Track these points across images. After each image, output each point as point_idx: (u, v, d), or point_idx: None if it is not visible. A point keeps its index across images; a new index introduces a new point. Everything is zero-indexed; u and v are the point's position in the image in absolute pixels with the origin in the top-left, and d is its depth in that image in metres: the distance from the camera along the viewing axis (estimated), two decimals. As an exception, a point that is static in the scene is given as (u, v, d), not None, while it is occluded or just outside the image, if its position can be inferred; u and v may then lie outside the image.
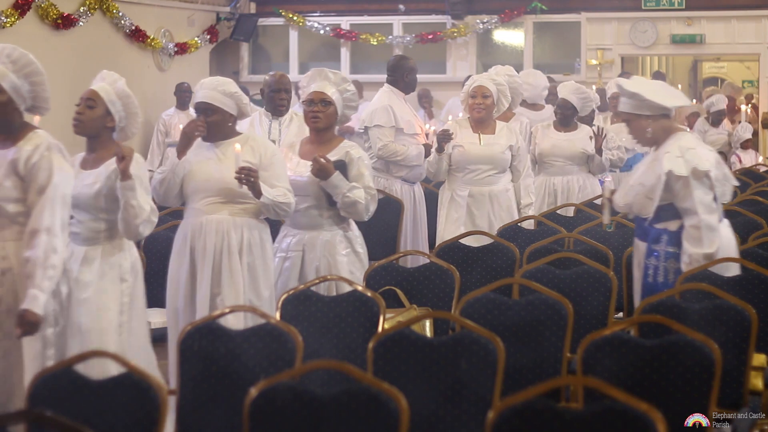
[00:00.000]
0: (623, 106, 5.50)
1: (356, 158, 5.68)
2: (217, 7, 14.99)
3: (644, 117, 5.37)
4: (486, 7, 14.90)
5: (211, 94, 5.48)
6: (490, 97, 7.23)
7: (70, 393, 3.62)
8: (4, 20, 11.13)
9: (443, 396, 4.02)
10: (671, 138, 5.35)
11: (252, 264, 5.46)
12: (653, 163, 5.34)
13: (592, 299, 5.27)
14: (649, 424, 3.08)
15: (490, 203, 7.25)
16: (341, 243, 5.71)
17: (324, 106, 5.70)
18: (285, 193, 5.42)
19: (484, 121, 7.27)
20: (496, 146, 7.23)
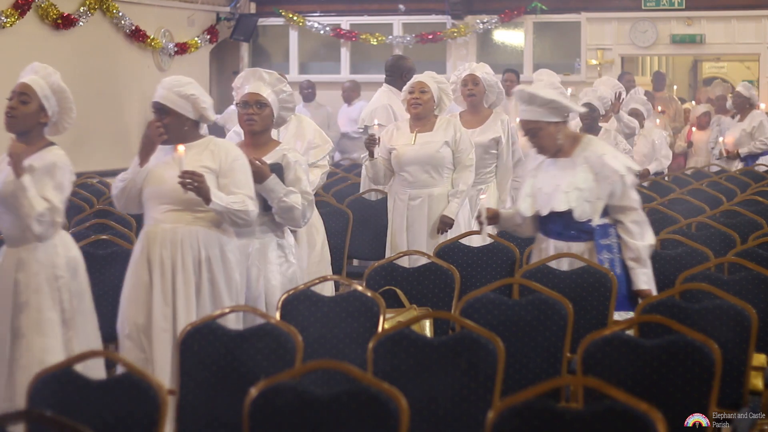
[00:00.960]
0: (529, 115, 5.34)
1: (293, 162, 5.44)
2: (217, 7, 14.99)
3: (554, 123, 5.34)
4: (486, 7, 14.90)
5: (166, 95, 5.15)
6: (428, 92, 7.02)
7: (70, 393, 3.62)
8: (4, 20, 11.14)
9: (443, 396, 4.02)
10: (583, 141, 5.41)
11: (213, 280, 5.07)
12: (582, 167, 5.32)
13: (592, 299, 5.27)
14: (649, 424, 3.07)
15: (428, 207, 6.98)
16: (273, 252, 5.45)
17: (259, 108, 5.51)
18: (243, 200, 5.05)
19: (423, 119, 7.05)
20: (431, 144, 6.98)
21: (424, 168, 6.98)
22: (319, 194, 7.94)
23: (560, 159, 5.40)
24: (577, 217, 5.33)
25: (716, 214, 7.40)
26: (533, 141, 5.40)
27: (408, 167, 6.99)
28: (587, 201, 5.32)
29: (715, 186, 9.12)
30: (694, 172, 10.73)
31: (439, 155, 6.96)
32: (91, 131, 12.23)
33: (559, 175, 5.38)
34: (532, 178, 5.49)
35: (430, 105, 7.03)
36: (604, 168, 5.33)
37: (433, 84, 7.05)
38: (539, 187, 5.42)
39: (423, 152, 6.96)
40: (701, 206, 7.88)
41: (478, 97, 7.66)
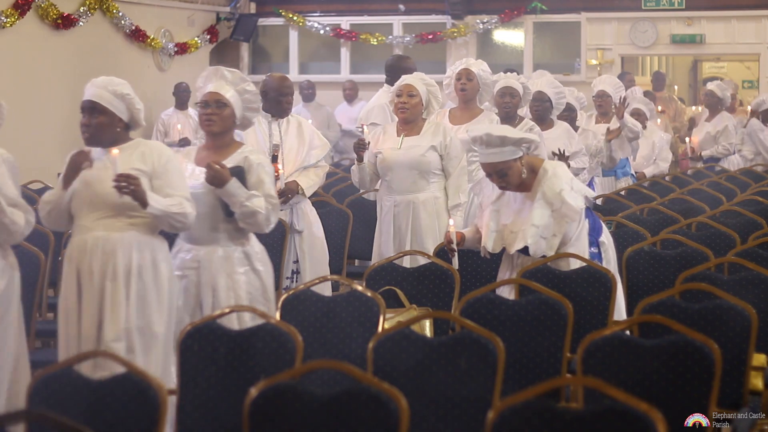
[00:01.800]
0: (498, 157, 5.24)
1: (256, 164, 5.23)
2: (217, 7, 14.99)
3: (519, 158, 5.30)
4: (486, 7, 14.90)
5: (99, 93, 4.92)
6: (417, 96, 6.75)
7: (70, 393, 3.62)
8: (4, 20, 11.14)
9: (443, 396, 4.02)
10: (540, 173, 5.35)
11: (142, 291, 4.87)
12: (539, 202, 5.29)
13: (592, 299, 5.27)
14: (649, 424, 3.08)
15: (413, 213, 6.76)
16: (239, 260, 5.24)
17: (219, 108, 5.29)
18: (181, 202, 4.87)
19: (411, 122, 6.80)
20: (416, 149, 6.73)
21: (409, 173, 6.75)
22: (318, 194, 7.94)
23: (522, 192, 5.39)
24: (532, 254, 5.33)
25: (716, 214, 7.39)
26: (503, 180, 5.31)
27: (393, 172, 6.79)
28: (543, 238, 5.31)
29: (715, 186, 9.12)
30: (694, 172, 10.72)
31: (424, 160, 6.71)
32: (91, 131, 12.21)
33: (521, 210, 5.37)
34: (495, 212, 5.45)
35: (418, 109, 6.78)
36: (563, 206, 5.29)
37: (422, 86, 6.80)
38: (504, 223, 5.42)
39: (408, 156, 6.73)
40: (701, 206, 7.87)
41: (470, 92, 7.50)
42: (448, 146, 6.74)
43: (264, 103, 7.22)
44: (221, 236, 5.22)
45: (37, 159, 11.05)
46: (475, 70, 7.51)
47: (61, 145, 11.92)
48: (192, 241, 5.25)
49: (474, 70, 7.51)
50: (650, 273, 6.02)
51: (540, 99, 8.17)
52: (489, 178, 5.38)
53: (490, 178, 5.36)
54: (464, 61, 7.70)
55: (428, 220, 6.74)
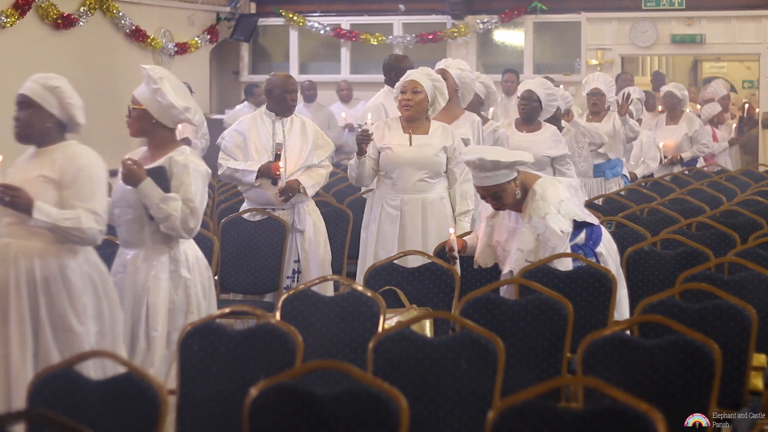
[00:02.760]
0: (492, 180, 5.26)
1: (180, 165, 5.03)
2: (217, 7, 14.99)
3: (512, 180, 5.31)
4: (486, 7, 14.90)
5: (31, 86, 4.74)
6: (422, 93, 6.58)
7: (70, 393, 3.62)
8: (4, 20, 11.14)
9: (443, 396, 4.02)
10: (530, 193, 5.34)
11: (53, 304, 4.58)
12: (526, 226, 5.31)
13: (592, 299, 5.27)
14: (649, 424, 3.08)
15: (422, 213, 6.62)
16: (163, 265, 5.04)
17: (132, 110, 5.18)
18: (79, 216, 4.56)
19: (416, 120, 6.65)
20: (428, 148, 6.59)
21: (419, 171, 6.61)
22: (319, 194, 7.95)
23: (515, 212, 5.41)
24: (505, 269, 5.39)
25: (716, 214, 7.40)
26: (497, 202, 5.34)
27: (401, 169, 6.62)
28: (527, 262, 5.33)
29: (715, 186, 9.12)
30: (694, 172, 10.72)
31: (437, 160, 6.60)
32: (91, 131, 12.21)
33: (514, 229, 5.40)
34: (490, 227, 5.48)
35: (424, 106, 6.61)
36: (546, 231, 5.30)
37: (428, 82, 6.62)
38: (497, 239, 5.45)
39: (420, 155, 6.59)
40: (701, 206, 7.88)
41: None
42: (455, 150, 6.62)
43: (268, 101, 7.22)
44: (146, 239, 5.06)
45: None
46: (452, 71, 7.28)
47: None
48: (123, 244, 5.16)
49: (451, 72, 7.27)
50: (650, 273, 6.02)
51: (528, 98, 7.94)
52: (483, 200, 5.42)
53: (485, 200, 5.40)
54: (443, 62, 7.46)
55: (435, 220, 6.63)
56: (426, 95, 6.59)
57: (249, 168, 6.96)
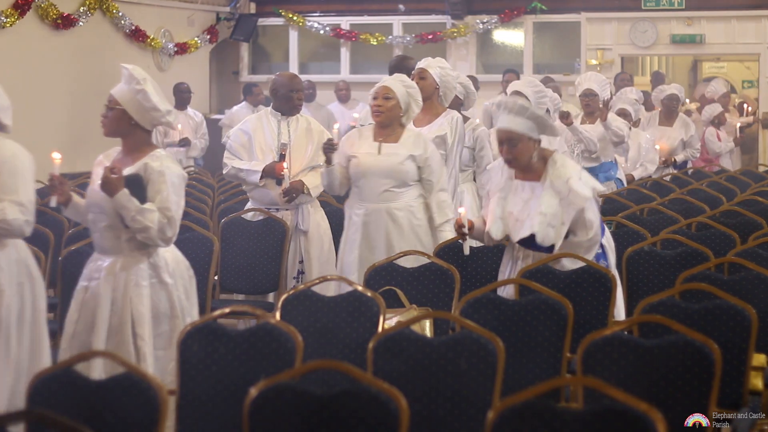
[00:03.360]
0: (514, 125, 5.28)
1: (156, 172, 4.88)
2: (217, 7, 15.00)
3: (534, 140, 5.33)
4: (486, 7, 14.90)
5: None
6: (393, 99, 6.36)
7: (70, 393, 3.62)
8: (4, 20, 11.14)
9: (443, 396, 4.02)
10: (550, 162, 5.37)
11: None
12: (548, 191, 5.31)
13: (592, 299, 5.27)
14: (649, 424, 3.07)
15: (387, 222, 6.38)
16: (143, 271, 4.90)
17: (109, 109, 5.00)
18: (3, 208, 4.52)
19: (387, 127, 6.42)
20: (395, 156, 6.36)
21: (385, 180, 6.37)
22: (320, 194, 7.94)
23: (530, 182, 5.39)
24: (539, 242, 5.32)
25: (716, 214, 7.40)
26: (509, 151, 5.32)
27: (367, 178, 6.39)
28: (551, 226, 5.30)
29: (715, 186, 9.12)
30: (694, 172, 10.72)
31: (402, 168, 6.34)
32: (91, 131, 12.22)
33: (529, 199, 5.37)
34: (502, 199, 5.44)
35: (395, 112, 6.38)
36: (570, 193, 5.30)
37: (400, 89, 6.40)
38: (510, 210, 5.41)
39: (386, 163, 6.36)
40: (701, 206, 7.88)
41: (424, 92, 6.83)
42: (429, 159, 6.40)
43: (274, 101, 7.22)
44: (124, 246, 4.92)
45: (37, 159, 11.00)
46: (432, 70, 7.09)
47: (60, 144, 11.90)
48: (99, 250, 5.03)
49: (430, 71, 7.09)
50: (650, 273, 6.02)
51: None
52: (500, 147, 5.40)
53: (501, 147, 5.38)
54: (423, 61, 7.26)
55: (400, 230, 6.39)
56: (398, 102, 6.38)
57: (253, 168, 6.96)
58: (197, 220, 7.28)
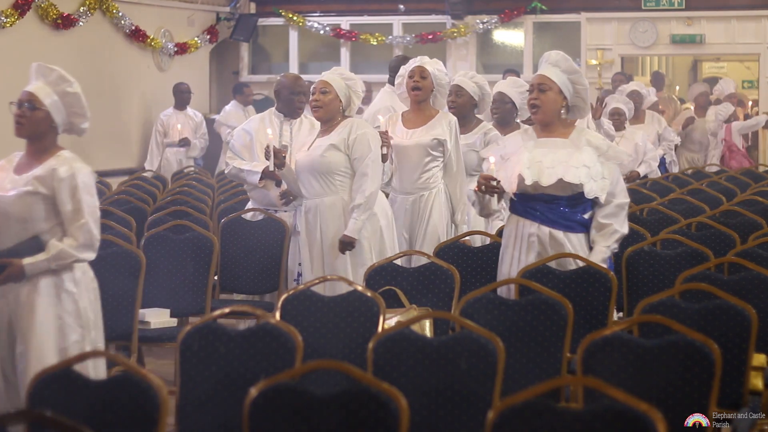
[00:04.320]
0: (550, 73, 5.37)
1: (66, 179, 4.64)
2: (217, 7, 14.99)
3: (563, 97, 5.39)
4: (486, 7, 14.90)
5: None
6: (330, 93, 6.23)
7: (70, 393, 3.62)
8: (4, 20, 11.14)
9: (443, 396, 4.02)
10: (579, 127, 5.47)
11: None
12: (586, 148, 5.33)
13: (592, 299, 5.27)
14: (649, 424, 3.07)
15: (320, 220, 6.25)
16: (46, 281, 4.65)
17: (31, 109, 4.71)
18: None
19: (327, 122, 6.30)
20: (318, 149, 6.25)
21: (312, 175, 6.27)
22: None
23: (555, 138, 5.39)
24: (587, 193, 5.30)
25: (716, 214, 7.40)
26: (538, 98, 5.35)
27: (301, 174, 6.34)
28: (593, 179, 5.32)
29: (715, 186, 9.12)
30: (694, 172, 10.72)
31: (324, 160, 6.20)
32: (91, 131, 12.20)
33: (561, 152, 5.34)
34: (528, 151, 5.37)
35: (333, 106, 6.23)
36: (610, 149, 5.40)
37: (339, 82, 6.26)
38: (539, 160, 5.33)
39: (309, 158, 6.26)
40: (701, 206, 7.88)
41: (423, 92, 6.77)
42: (354, 143, 6.20)
43: (277, 102, 7.23)
44: None
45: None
46: (430, 69, 6.85)
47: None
48: None
49: (429, 69, 6.84)
50: (650, 273, 6.02)
51: (500, 101, 7.46)
52: (530, 91, 5.43)
53: (531, 91, 5.42)
54: (419, 58, 7.00)
55: (335, 225, 6.23)
56: (336, 95, 6.24)
57: (254, 169, 6.97)
58: (197, 220, 7.29)
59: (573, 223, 5.37)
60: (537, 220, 5.39)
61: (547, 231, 5.37)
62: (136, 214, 7.83)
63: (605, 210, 5.37)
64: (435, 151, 6.70)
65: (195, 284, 6.43)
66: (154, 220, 7.41)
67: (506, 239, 5.52)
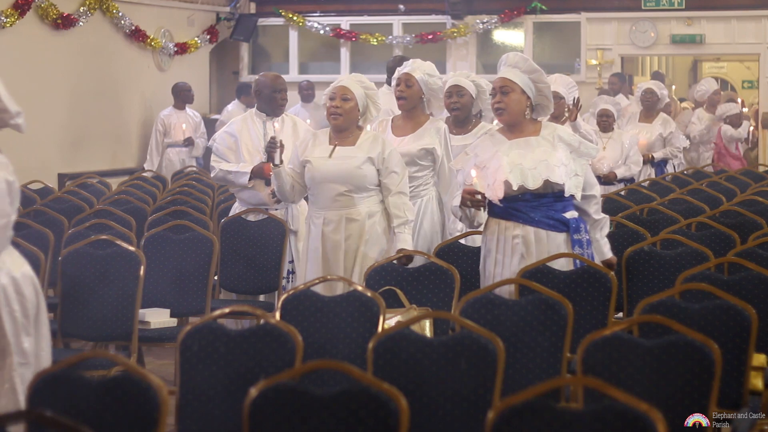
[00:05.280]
0: (511, 75, 5.39)
1: None
2: (217, 7, 15.00)
3: (526, 97, 5.41)
4: (486, 7, 14.91)
5: None
6: (352, 100, 5.97)
7: (70, 393, 3.62)
8: (4, 20, 11.15)
9: (443, 396, 4.02)
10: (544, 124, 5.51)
11: None
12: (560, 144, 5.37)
13: (592, 299, 5.28)
14: (649, 424, 3.08)
15: (345, 232, 5.96)
16: None
17: None
18: None
19: (344, 131, 6.02)
20: (351, 160, 5.95)
21: (341, 186, 5.96)
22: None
23: (527, 137, 5.42)
24: (566, 192, 5.35)
25: (716, 214, 7.39)
26: (502, 101, 5.38)
27: (323, 184, 5.99)
28: (569, 177, 5.37)
29: (715, 186, 9.12)
30: (694, 172, 10.72)
31: (360, 173, 5.95)
32: (91, 131, 12.23)
33: (538, 151, 5.36)
34: (505, 155, 5.36)
35: (354, 115, 6.00)
36: (581, 145, 5.44)
37: (359, 90, 6.02)
38: (518, 162, 5.34)
39: (341, 168, 5.95)
40: (701, 206, 7.88)
41: (409, 101, 6.55)
42: (387, 159, 5.99)
43: (258, 102, 7.20)
44: None
45: (37, 159, 11.06)
46: (418, 75, 6.55)
47: (60, 145, 11.93)
48: None
49: (416, 76, 6.55)
50: (650, 273, 6.02)
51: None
52: (493, 95, 5.46)
53: (494, 95, 5.45)
54: (408, 64, 6.71)
55: (360, 239, 5.97)
56: (357, 103, 6.00)
57: (242, 169, 6.96)
58: (197, 220, 7.29)
59: (556, 222, 5.39)
60: (520, 221, 5.40)
61: (531, 231, 5.38)
62: (136, 214, 7.83)
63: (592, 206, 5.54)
64: (423, 161, 6.51)
65: (195, 284, 6.43)
66: (154, 220, 7.41)
67: (488, 243, 5.51)
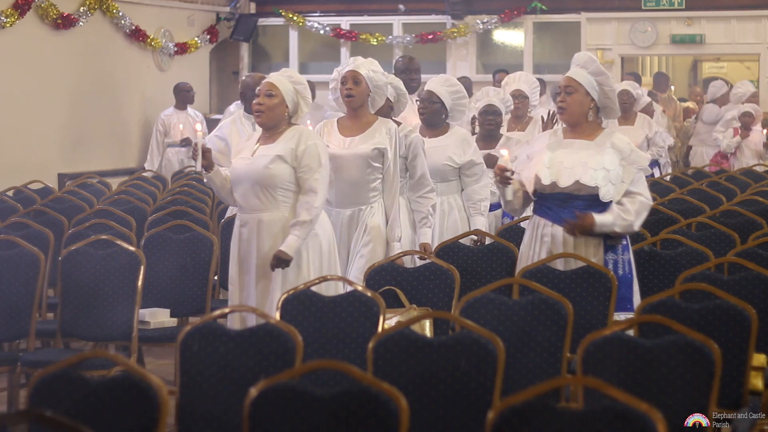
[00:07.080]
0: (579, 77, 5.44)
1: None
2: (217, 7, 15.00)
3: (590, 99, 5.45)
4: (486, 7, 14.91)
5: None
6: (277, 96, 5.62)
7: (70, 393, 3.62)
8: (4, 20, 11.14)
9: (443, 396, 4.02)
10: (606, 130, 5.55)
11: None
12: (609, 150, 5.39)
13: (592, 299, 5.28)
14: (649, 424, 3.08)
15: (257, 237, 5.60)
16: None
17: None
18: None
19: (270, 129, 5.67)
20: (262, 159, 5.62)
21: (253, 187, 5.61)
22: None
23: (581, 140, 5.47)
24: (602, 196, 5.37)
25: (716, 214, 7.39)
26: (565, 100, 5.45)
27: (236, 186, 5.69)
28: (612, 183, 5.38)
29: (715, 186, 9.12)
30: (694, 172, 10.72)
31: (267, 172, 5.57)
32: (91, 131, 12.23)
33: (582, 153, 5.42)
34: (550, 151, 5.47)
35: (278, 111, 5.62)
36: (632, 153, 5.45)
37: (286, 86, 5.66)
38: (559, 160, 5.43)
39: (251, 168, 5.61)
40: (701, 206, 7.88)
41: (357, 99, 6.18)
42: (302, 154, 5.60)
43: (244, 104, 7.14)
44: None
45: (37, 159, 11.04)
46: (364, 72, 6.25)
47: (61, 145, 11.92)
48: None
49: (363, 73, 6.24)
50: (650, 273, 6.02)
51: (428, 99, 6.80)
52: (557, 94, 5.56)
53: (558, 94, 5.54)
54: (351, 61, 6.42)
55: (271, 244, 5.57)
56: (283, 100, 5.63)
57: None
58: (197, 220, 7.29)
59: None
60: (550, 219, 5.46)
61: (559, 230, 5.42)
62: (136, 214, 7.83)
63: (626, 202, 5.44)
64: (376, 162, 6.11)
65: (195, 284, 6.43)
66: (154, 220, 7.41)
67: (526, 238, 5.65)
